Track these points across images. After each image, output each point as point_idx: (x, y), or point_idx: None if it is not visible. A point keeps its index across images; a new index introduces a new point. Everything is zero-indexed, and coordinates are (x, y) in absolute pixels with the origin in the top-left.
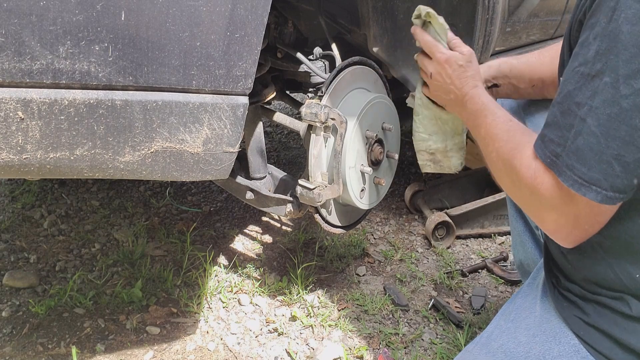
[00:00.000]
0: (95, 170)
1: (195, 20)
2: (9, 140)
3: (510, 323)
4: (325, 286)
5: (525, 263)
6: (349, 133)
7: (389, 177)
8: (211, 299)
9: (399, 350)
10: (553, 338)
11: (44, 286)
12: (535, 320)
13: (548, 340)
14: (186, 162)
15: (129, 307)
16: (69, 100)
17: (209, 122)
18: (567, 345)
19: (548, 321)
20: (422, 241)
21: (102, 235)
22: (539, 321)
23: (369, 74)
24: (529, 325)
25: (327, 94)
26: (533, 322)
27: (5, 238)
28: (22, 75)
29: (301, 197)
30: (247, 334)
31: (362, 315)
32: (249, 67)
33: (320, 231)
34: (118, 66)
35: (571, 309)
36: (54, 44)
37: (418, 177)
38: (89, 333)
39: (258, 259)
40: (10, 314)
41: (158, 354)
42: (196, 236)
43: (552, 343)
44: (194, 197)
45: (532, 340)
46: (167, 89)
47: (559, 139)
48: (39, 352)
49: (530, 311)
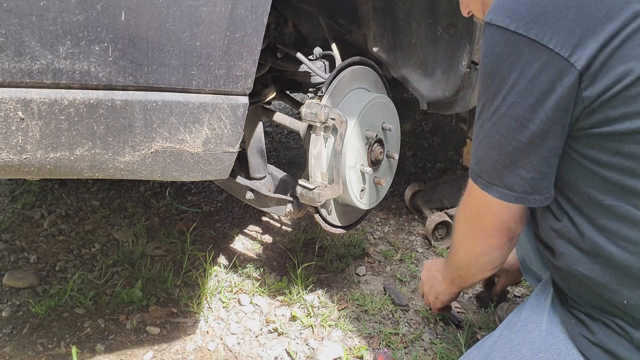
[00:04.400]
0: (95, 170)
1: (195, 20)
2: (9, 140)
3: (515, 335)
4: (325, 286)
5: (526, 259)
6: (349, 133)
7: (389, 177)
8: (211, 299)
9: (399, 350)
10: (557, 356)
11: (44, 286)
12: (541, 335)
13: (552, 357)
14: (186, 162)
15: (129, 307)
16: (69, 100)
17: (209, 122)
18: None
19: (554, 337)
20: (422, 241)
21: (102, 235)
22: (544, 336)
23: (369, 74)
24: (534, 340)
25: (327, 94)
26: (538, 336)
27: (5, 238)
28: (22, 75)
29: (301, 197)
30: (247, 334)
31: (362, 315)
32: (249, 67)
33: (320, 231)
34: (118, 66)
35: (578, 327)
36: (54, 44)
37: (418, 177)
38: (89, 333)
39: (258, 259)
40: (10, 314)
41: (158, 354)
42: (196, 236)
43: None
44: (194, 197)
45: (535, 356)
46: (167, 89)
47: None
48: (39, 352)
49: (536, 324)
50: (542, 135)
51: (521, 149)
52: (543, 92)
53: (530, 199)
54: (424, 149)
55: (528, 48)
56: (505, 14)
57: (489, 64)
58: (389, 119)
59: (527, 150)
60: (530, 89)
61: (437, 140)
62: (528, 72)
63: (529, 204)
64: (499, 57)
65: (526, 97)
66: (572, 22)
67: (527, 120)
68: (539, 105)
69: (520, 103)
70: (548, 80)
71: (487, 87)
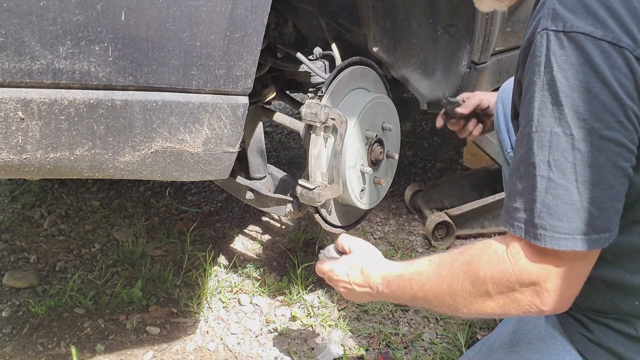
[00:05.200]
0: (95, 170)
1: (195, 20)
2: (9, 140)
3: (513, 335)
4: (325, 286)
5: None
6: (349, 133)
7: (389, 177)
8: (211, 299)
9: (399, 350)
10: (556, 356)
11: (44, 286)
12: (540, 335)
13: (551, 357)
14: (186, 162)
15: (129, 307)
16: (69, 100)
17: (209, 122)
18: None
19: (552, 337)
20: (422, 241)
21: (102, 235)
22: (542, 336)
23: (369, 74)
24: (531, 340)
25: (327, 94)
26: (536, 336)
27: (5, 238)
28: (22, 75)
29: (301, 197)
30: (247, 334)
31: (362, 315)
32: (249, 67)
33: (320, 231)
34: (118, 66)
35: (576, 326)
36: (54, 44)
37: (418, 177)
38: (89, 333)
39: (258, 259)
40: (10, 314)
41: (158, 354)
42: (196, 236)
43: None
44: (194, 197)
45: (534, 357)
46: (167, 89)
47: (524, 204)
48: (39, 352)
49: (534, 325)
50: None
51: (621, 177)
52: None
53: (608, 238)
54: (424, 149)
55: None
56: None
57: (572, 77)
58: (389, 119)
59: (624, 176)
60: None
61: (437, 140)
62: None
63: (606, 243)
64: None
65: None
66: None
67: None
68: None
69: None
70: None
71: (568, 109)
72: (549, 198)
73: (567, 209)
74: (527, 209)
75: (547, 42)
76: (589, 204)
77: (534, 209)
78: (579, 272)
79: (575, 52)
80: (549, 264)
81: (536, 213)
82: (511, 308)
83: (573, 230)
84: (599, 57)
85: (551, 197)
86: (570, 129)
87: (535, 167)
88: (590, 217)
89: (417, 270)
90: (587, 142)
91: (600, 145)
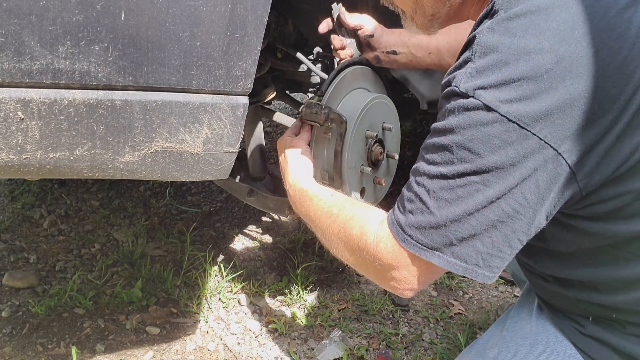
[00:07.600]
0: (95, 170)
1: (195, 20)
2: (8, 140)
3: (506, 332)
4: (325, 286)
5: (516, 273)
6: (349, 133)
7: (389, 177)
8: (211, 299)
9: (399, 350)
10: (550, 348)
11: (44, 286)
12: (532, 329)
13: (545, 350)
14: (186, 162)
15: (128, 307)
16: (68, 100)
17: (209, 122)
18: (565, 355)
19: (545, 330)
20: None
21: (102, 235)
22: (535, 330)
23: (369, 74)
24: (525, 335)
25: (327, 94)
26: (529, 331)
27: (5, 238)
28: (22, 75)
29: None
30: (247, 334)
31: (362, 315)
32: (249, 67)
33: None
34: (118, 66)
35: (566, 320)
36: (54, 44)
37: None
38: (89, 333)
39: (258, 259)
40: (10, 314)
41: (158, 354)
42: (196, 236)
43: (549, 354)
44: (194, 197)
45: (528, 351)
46: (167, 89)
47: (403, 208)
48: (39, 352)
49: (526, 321)
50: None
51: (486, 224)
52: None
53: (479, 274)
54: None
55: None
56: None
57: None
58: (389, 119)
59: (492, 226)
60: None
61: None
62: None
63: (476, 278)
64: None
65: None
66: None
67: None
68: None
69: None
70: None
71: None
72: (420, 217)
73: (432, 232)
74: (406, 214)
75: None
76: (452, 234)
77: (407, 218)
78: (430, 277)
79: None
80: (405, 258)
81: (408, 223)
82: (367, 272)
83: (434, 246)
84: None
85: (422, 217)
86: (450, 173)
87: (418, 185)
88: (451, 244)
89: (319, 195)
90: (464, 189)
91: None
